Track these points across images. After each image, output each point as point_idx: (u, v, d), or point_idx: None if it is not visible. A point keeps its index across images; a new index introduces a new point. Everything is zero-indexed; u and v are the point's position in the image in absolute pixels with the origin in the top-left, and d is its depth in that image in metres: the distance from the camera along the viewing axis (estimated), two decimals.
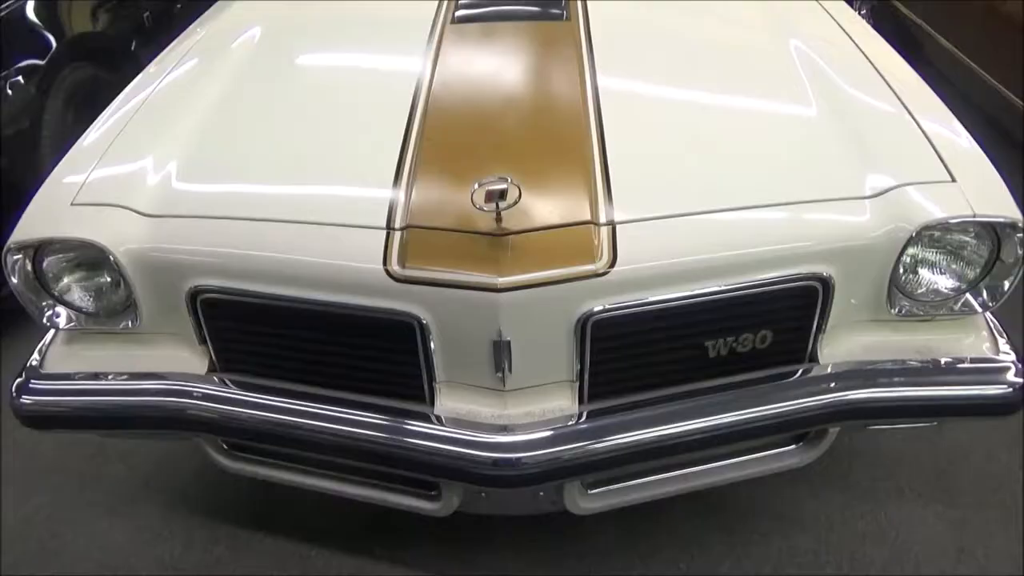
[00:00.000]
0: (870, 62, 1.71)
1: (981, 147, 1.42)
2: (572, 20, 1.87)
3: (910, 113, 1.51)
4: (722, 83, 1.66)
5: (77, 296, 1.41)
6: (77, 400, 1.44)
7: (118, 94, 1.79)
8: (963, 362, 1.38)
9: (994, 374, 1.37)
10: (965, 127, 1.48)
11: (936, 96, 1.60)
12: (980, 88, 3.05)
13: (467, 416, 1.31)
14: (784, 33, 1.84)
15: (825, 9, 2.00)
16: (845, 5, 2.09)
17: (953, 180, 1.32)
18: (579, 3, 1.96)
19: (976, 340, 1.40)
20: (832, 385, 1.34)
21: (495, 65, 1.73)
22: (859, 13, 4.24)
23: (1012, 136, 2.92)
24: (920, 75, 1.70)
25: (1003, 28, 2.90)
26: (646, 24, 2.01)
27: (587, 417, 1.31)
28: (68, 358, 1.46)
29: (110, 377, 1.43)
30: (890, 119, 1.50)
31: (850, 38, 1.82)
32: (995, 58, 2.97)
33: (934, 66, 3.39)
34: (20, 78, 2.39)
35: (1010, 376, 1.35)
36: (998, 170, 1.37)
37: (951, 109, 1.55)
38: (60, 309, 1.42)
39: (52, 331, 1.50)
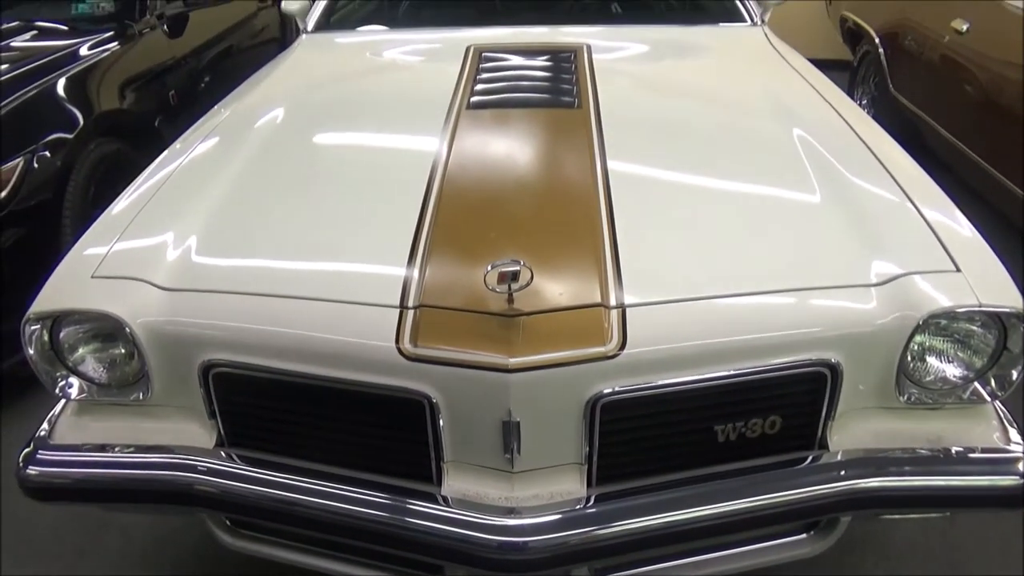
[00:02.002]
0: (871, 151, 1.76)
1: (982, 235, 1.45)
2: (583, 108, 1.94)
3: (912, 202, 1.54)
4: (729, 169, 1.71)
5: (91, 367, 1.42)
6: (82, 472, 1.43)
7: (139, 169, 1.85)
8: (974, 452, 1.37)
9: (1006, 464, 1.35)
10: (966, 215, 1.52)
11: (936, 185, 1.64)
12: (979, 176, 3.12)
13: (474, 497, 1.30)
14: (787, 122, 1.91)
15: (826, 100, 2.07)
16: (845, 96, 2.16)
17: (957, 269, 1.35)
18: (590, 92, 2.03)
19: (986, 429, 1.39)
20: (843, 473, 1.33)
21: (509, 149, 1.78)
22: (860, 102, 4.41)
23: (1012, 223, 2.97)
24: (920, 164, 1.75)
25: (1001, 118, 2.99)
26: (655, 112, 2.09)
27: (595, 501, 1.29)
28: (77, 429, 1.46)
29: (117, 449, 1.43)
30: (892, 208, 1.54)
31: (851, 128, 1.88)
32: (993, 147, 3.04)
33: (934, 154, 3.47)
34: (47, 152, 2.47)
35: (1022, 467, 1.34)
36: (1000, 259, 1.40)
37: (951, 197, 1.59)
38: (73, 380, 1.43)
39: (62, 401, 1.51)
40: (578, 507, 1.28)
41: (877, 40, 4.08)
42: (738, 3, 2.77)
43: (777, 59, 2.42)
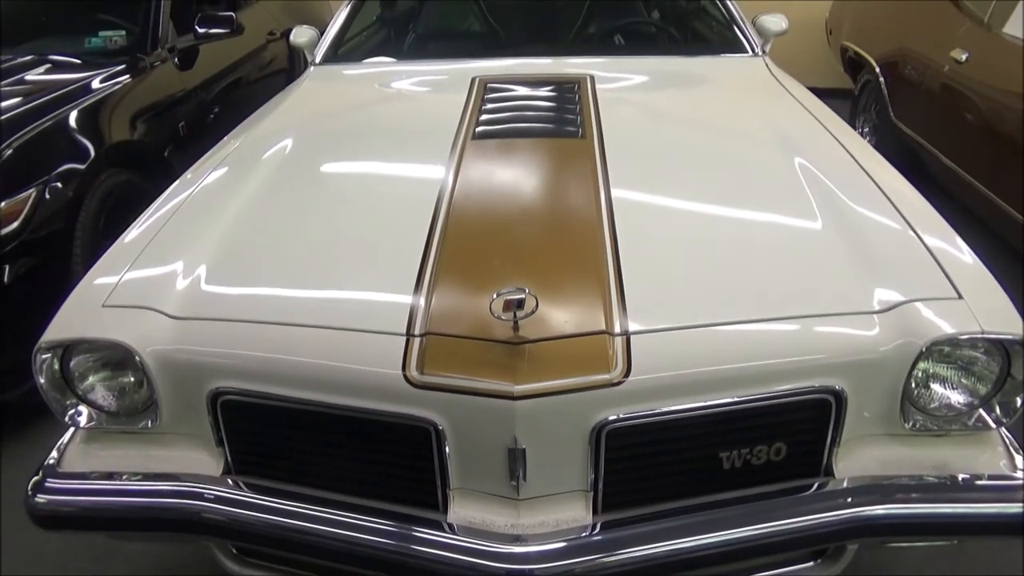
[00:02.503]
0: (872, 179, 1.78)
1: (984, 262, 1.46)
2: (587, 138, 1.97)
3: (913, 229, 1.56)
4: (732, 198, 1.73)
5: (100, 395, 1.44)
6: (90, 500, 1.44)
7: (149, 199, 1.88)
8: (981, 479, 1.36)
9: (1012, 492, 1.35)
10: (967, 241, 1.53)
11: (937, 213, 1.65)
12: (980, 202, 3.14)
13: (480, 525, 1.30)
14: (789, 150, 1.93)
15: (827, 128, 2.09)
16: (846, 125, 2.19)
17: (960, 297, 1.35)
18: (594, 122, 2.06)
19: (992, 456, 1.39)
20: (849, 500, 1.33)
21: (514, 178, 1.81)
22: (862, 130, 4.44)
23: (1013, 248, 2.98)
24: (921, 191, 1.76)
25: (1000, 146, 3.02)
26: (658, 141, 2.12)
27: (601, 528, 1.29)
28: (85, 457, 1.47)
29: (125, 477, 1.44)
30: (894, 235, 1.55)
31: (852, 156, 1.91)
32: (993, 174, 3.06)
33: (935, 180, 3.50)
34: (59, 183, 2.51)
35: None
36: (1002, 286, 1.41)
37: (953, 223, 1.60)
38: (82, 408, 1.44)
39: (71, 430, 1.52)
40: (584, 535, 1.28)
41: (878, 69, 4.13)
42: (739, 34, 2.81)
43: (778, 89, 2.46)
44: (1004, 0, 3.30)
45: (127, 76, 3.09)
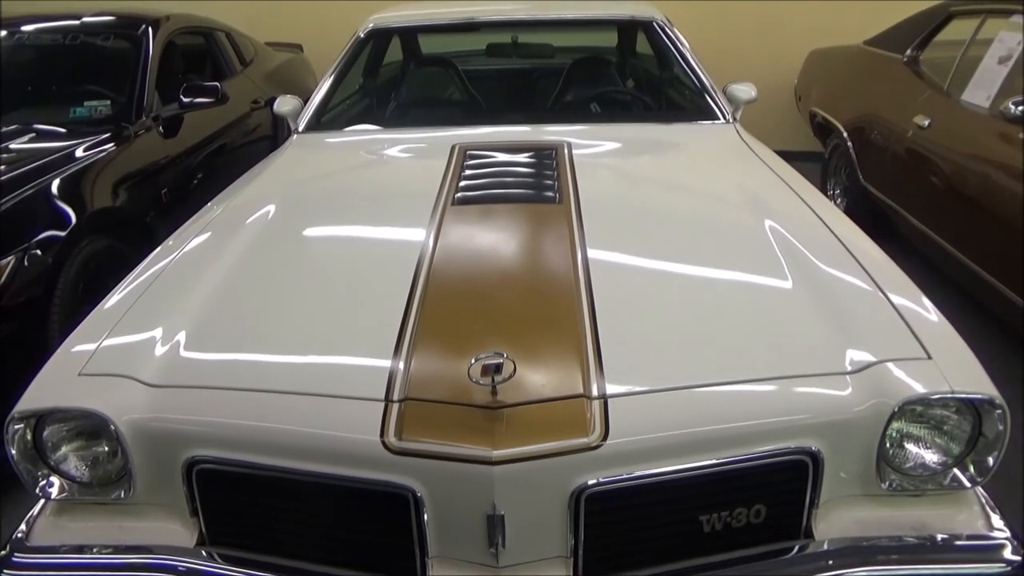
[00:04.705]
0: (840, 241, 1.82)
1: (951, 321, 1.50)
2: (564, 203, 2.01)
3: (881, 290, 1.60)
4: (704, 260, 1.77)
5: (73, 465, 1.41)
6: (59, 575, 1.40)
7: (129, 265, 1.88)
8: (960, 539, 1.37)
9: (991, 552, 1.35)
10: (935, 299, 1.57)
11: (903, 274, 1.70)
12: (946, 259, 3.22)
13: None
14: (759, 213, 1.98)
15: (796, 192, 2.15)
16: (814, 188, 2.25)
17: (928, 357, 1.38)
18: (570, 187, 2.11)
19: (969, 516, 1.40)
20: (830, 563, 1.32)
21: (493, 243, 1.84)
22: (833, 192, 4.56)
23: (980, 303, 3.05)
24: (890, 250, 1.81)
25: (963, 206, 3.11)
26: (633, 205, 2.17)
27: None
28: (55, 530, 1.44)
29: (95, 550, 1.40)
30: (863, 296, 1.59)
31: (820, 219, 1.96)
32: (958, 232, 3.15)
33: (903, 239, 3.59)
34: (39, 250, 2.50)
35: (1007, 554, 1.34)
36: (969, 343, 1.44)
37: (919, 282, 1.64)
38: (54, 479, 1.42)
39: (42, 501, 1.49)
40: None
41: (845, 134, 4.27)
42: (711, 102, 2.91)
43: (748, 154, 2.53)
44: (961, 70, 3.46)
45: (111, 144, 3.13)
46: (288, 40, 5.71)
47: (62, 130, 3.16)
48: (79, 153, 2.97)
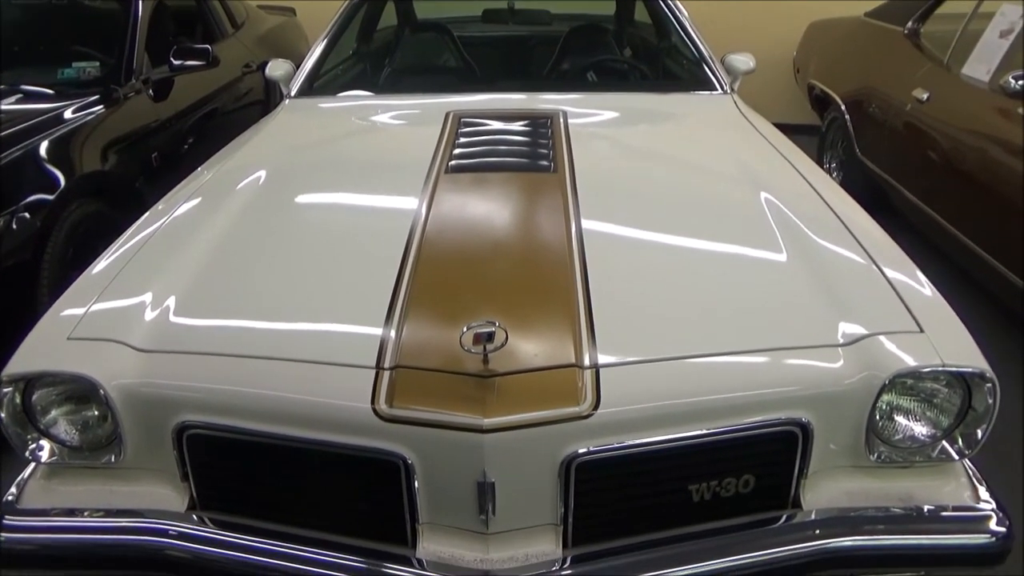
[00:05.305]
0: (836, 215, 1.81)
1: (945, 296, 1.50)
2: (559, 172, 2.00)
3: (876, 264, 1.59)
4: (699, 231, 1.76)
5: (63, 429, 1.41)
6: (50, 538, 1.40)
7: (119, 230, 1.86)
8: (946, 510, 1.38)
9: (977, 523, 1.37)
10: (929, 275, 1.57)
11: (899, 248, 1.69)
12: (942, 235, 3.22)
13: (449, 559, 1.29)
14: (755, 186, 1.97)
15: (792, 165, 2.14)
16: (811, 161, 2.24)
17: (921, 330, 1.38)
18: (565, 157, 2.09)
19: (956, 488, 1.41)
20: (817, 532, 1.33)
21: (486, 212, 1.83)
22: (829, 165, 4.54)
23: (975, 280, 3.06)
24: (885, 225, 1.80)
25: (960, 182, 3.11)
26: (628, 176, 2.15)
27: (571, 563, 1.29)
28: (46, 493, 1.44)
29: (86, 514, 1.41)
30: (857, 269, 1.59)
31: (816, 192, 1.95)
32: (954, 208, 3.15)
33: (899, 214, 3.58)
34: (27, 213, 2.47)
35: (992, 525, 1.36)
36: (963, 319, 1.44)
37: (915, 257, 1.64)
38: (44, 442, 1.41)
39: (32, 465, 1.48)
40: (553, 569, 1.27)
41: (843, 107, 4.24)
42: (709, 73, 2.88)
43: (746, 126, 2.51)
44: (962, 43, 3.43)
45: (100, 107, 3.08)
46: (280, 3, 5.62)
47: (50, 92, 3.10)
48: (67, 115, 2.92)
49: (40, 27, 3.59)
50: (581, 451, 1.25)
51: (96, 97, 3.11)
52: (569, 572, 1.27)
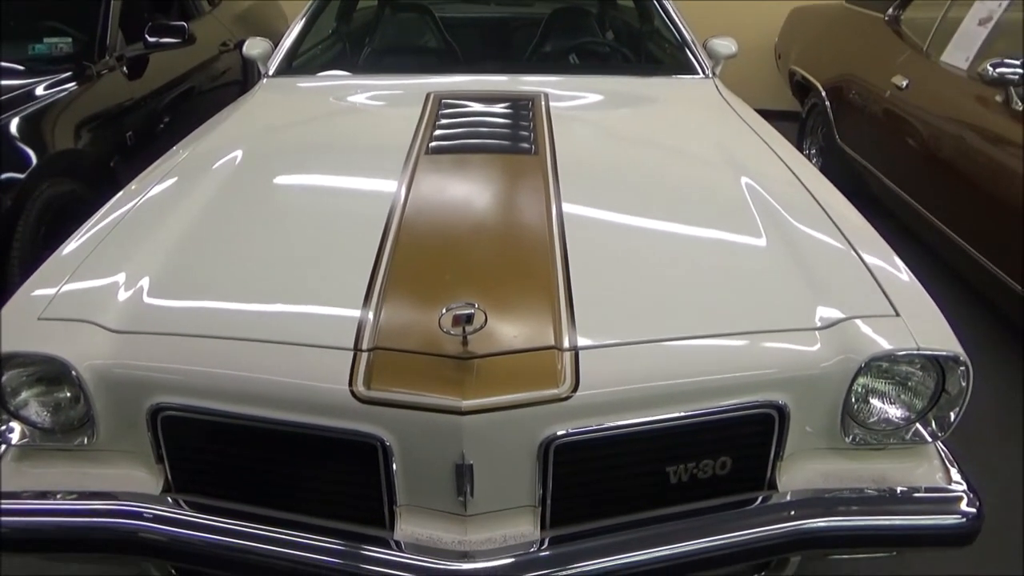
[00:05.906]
0: (815, 200, 1.82)
1: (921, 281, 1.51)
2: (540, 154, 1.99)
3: (854, 248, 1.60)
4: (680, 215, 1.76)
5: (34, 411, 1.39)
6: (22, 520, 1.38)
7: (93, 210, 1.82)
8: (918, 491, 1.40)
9: (948, 504, 1.39)
10: (906, 259, 1.58)
11: (876, 233, 1.71)
12: (919, 222, 3.25)
13: (427, 542, 1.29)
14: (736, 170, 1.97)
15: (773, 150, 2.15)
16: (791, 147, 2.25)
17: (897, 314, 1.40)
18: (547, 139, 2.08)
19: (929, 469, 1.43)
20: (792, 513, 1.35)
21: (466, 194, 1.81)
22: (809, 152, 4.56)
23: (949, 264, 3.10)
24: (864, 210, 1.82)
25: (937, 168, 3.13)
26: (609, 159, 2.15)
27: (549, 544, 1.29)
28: (17, 476, 1.42)
29: (59, 496, 1.38)
30: (835, 254, 1.59)
31: (796, 177, 1.95)
32: (930, 195, 3.18)
33: (877, 201, 3.61)
34: None
35: (963, 506, 1.38)
36: (939, 303, 1.45)
37: (892, 242, 1.65)
38: (14, 424, 1.39)
39: (2, 447, 1.46)
40: (531, 550, 1.28)
41: (823, 93, 4.26)
42: (691, 57, 2.87)
43: (727, 111, 2.51)
44: (941, 31, 3.45)
45: (72, 84, 3.02)
46: None
47: (20, 67, 3.03)
48: (39, 92, 2.86)
49: (10, 0, 3.51)
50: (560, 433, 1.25)
51: (69, 74, 3.05)
52: (547, 553, 1.28)
